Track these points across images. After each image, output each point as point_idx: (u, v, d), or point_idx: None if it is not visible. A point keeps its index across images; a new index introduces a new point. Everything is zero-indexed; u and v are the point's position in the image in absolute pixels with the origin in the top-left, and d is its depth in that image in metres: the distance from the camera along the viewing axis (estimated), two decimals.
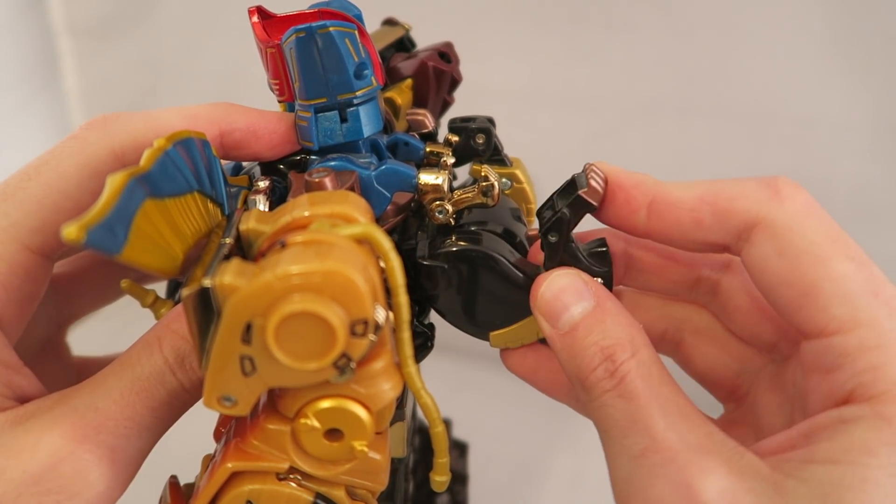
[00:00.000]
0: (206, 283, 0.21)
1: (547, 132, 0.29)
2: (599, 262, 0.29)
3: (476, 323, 0.31)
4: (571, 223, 0.28)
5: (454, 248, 0.30)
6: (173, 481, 0.29)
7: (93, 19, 0.74)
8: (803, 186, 0.26)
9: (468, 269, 0.30)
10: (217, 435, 0.29)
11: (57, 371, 0.36)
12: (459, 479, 0.43)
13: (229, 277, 0.21)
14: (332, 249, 0.22)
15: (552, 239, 0.28)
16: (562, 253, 0.29)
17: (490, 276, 0.29)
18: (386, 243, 0.23)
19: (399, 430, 0.35)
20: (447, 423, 0.46)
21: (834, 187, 0.54)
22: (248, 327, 0.21)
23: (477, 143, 0.35)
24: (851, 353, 0.23)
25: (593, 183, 0.28)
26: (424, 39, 0.40)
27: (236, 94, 0.31)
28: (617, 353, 0.25)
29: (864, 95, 0.54)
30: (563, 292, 0.27)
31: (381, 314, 0.22)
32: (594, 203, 0.28)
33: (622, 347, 0.25)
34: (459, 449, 0.46)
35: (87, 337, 0.38)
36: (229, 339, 0.21)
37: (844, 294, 0.24)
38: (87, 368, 0.37)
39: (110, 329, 0.40)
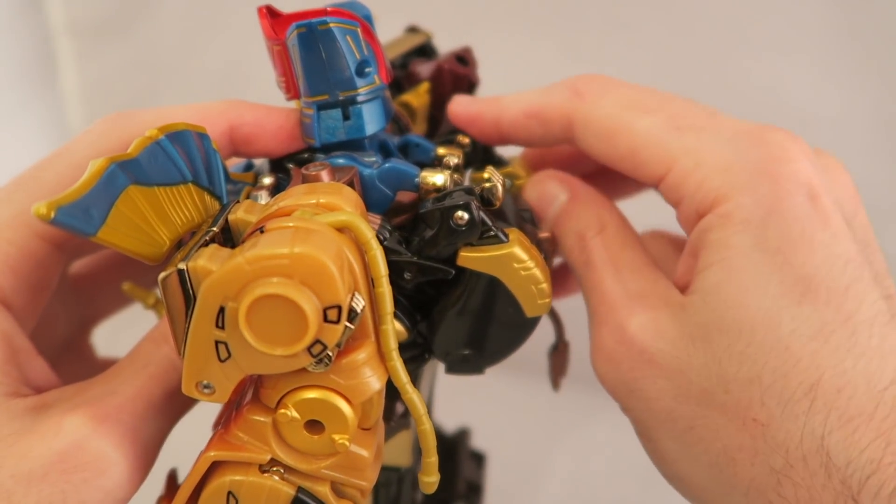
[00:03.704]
0: (181, 266, 0.21)
1: None
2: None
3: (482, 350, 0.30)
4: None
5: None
6: (171, 474, 0.29)
7: (92, 19, 0.74)
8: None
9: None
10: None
11: (82, 372, 0.37)
12: (474, 489, 0.42)
13: (203, 261, 0.21)
14: (310, 235, 0.21)
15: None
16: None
17: None
18: (367, 232, 0.23)
19: (404, 438, 0.34)
20: (465, 433, 0.45)
21: None
22: (222, 311, 0.21)
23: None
24: (680, 185, 0.28)
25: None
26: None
27: (236, 94, 0.32)
28: (587, 233, 0.30)
29: (864, 95, 0.53)
30: (544, 194, 0.33)
31: (359, 302, 0.22)
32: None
33: (590, 227, 0.30)
34: (476, 459, 0.45)
35: (103, 338, 0.39)
36: (204, 323, 0.21)
37: (652, 144, 0.28)
38: None
39: (118, 330, 0.40)
